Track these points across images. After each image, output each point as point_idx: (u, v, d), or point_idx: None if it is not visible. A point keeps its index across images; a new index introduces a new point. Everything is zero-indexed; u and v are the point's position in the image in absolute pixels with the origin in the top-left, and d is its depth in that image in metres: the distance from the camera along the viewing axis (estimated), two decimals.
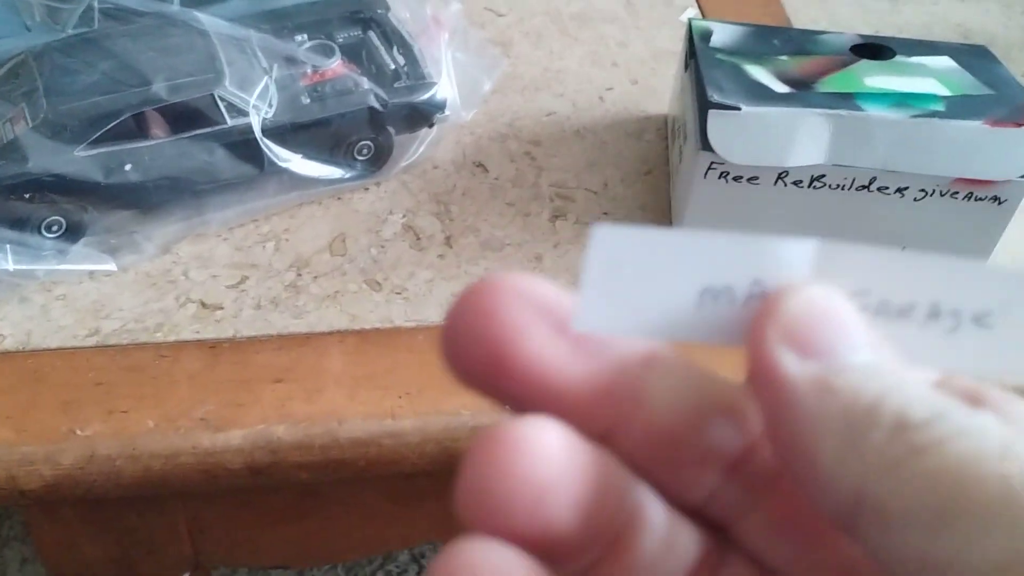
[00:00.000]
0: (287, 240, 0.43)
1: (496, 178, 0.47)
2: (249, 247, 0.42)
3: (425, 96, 0.44)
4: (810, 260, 0.15)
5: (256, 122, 0.41)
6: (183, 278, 0.40)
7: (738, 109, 0.38)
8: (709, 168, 0.40)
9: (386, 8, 0.47)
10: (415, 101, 0.44)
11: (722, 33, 0.44)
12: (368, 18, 0.47)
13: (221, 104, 0.40)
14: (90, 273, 0.40)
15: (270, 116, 0.41)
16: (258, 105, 0.41)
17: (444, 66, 0.46)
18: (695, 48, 0.43)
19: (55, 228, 0.40)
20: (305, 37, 0.45)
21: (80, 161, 0.39)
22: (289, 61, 0.43)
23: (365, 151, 0.44)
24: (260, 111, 0.41)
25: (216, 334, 0.38)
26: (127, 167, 0.40)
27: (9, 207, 0.38)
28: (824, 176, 0.40)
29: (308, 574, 1.01)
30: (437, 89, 0.45)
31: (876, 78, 0.41)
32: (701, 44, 0.43)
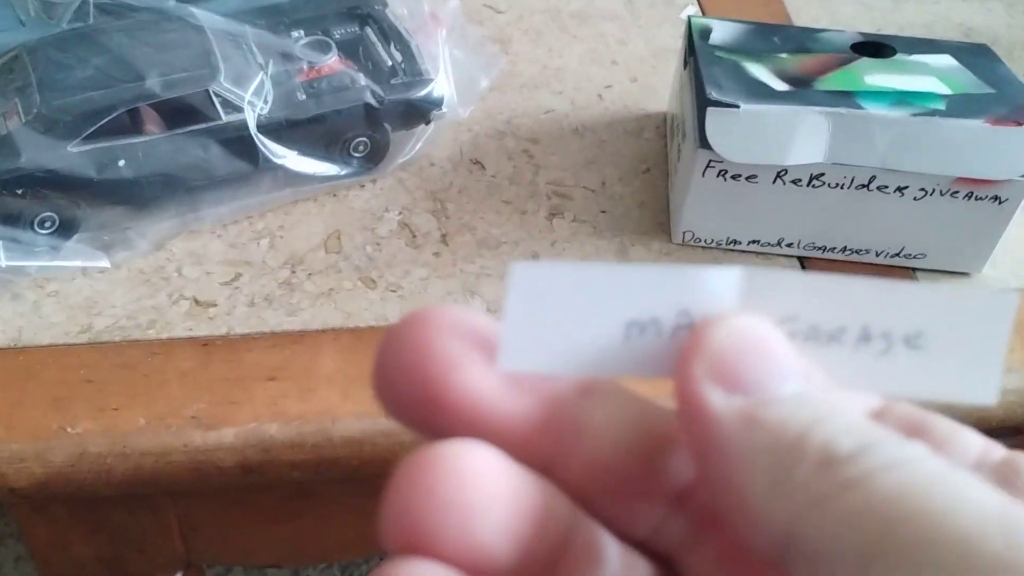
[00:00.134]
0: (281, 237, 0.42)
1: (493, 176, 0.47)
2: (243, 244, 0.42)
3: (422, 93, 0.44)
4: (736, 288, 0.15)
5: (251, 118, 0.41)
6: (176, 275, 0.40)
7: (737, 107, 0.38)
8: (708, 166, 0.40)
9: (384, 4, 0.47)
10: (412, 98, 0.44)
11: (722, 31, 0.44)
12: (365, 14, 0.46)
13: (216, 100, 0.40)
14: (83, 269, 0.40)
15: (265, 112, 0.41)
16: (253, 101, 0.41)
17: (441, 63, 0.46)
18: (694, 46, 0.43)
19: (48, 224, 0.39)
20: (302, 33, 0.45)
21: (73, 157, 0.39)
22: (285, 57, 0.43)
23: (361, 148, 0.44)
24: (255, 107, 0.41)
25: (209, 331, 0.38)
26: (121, 163, 0.39)
27: (2, 203, 0.38)
28: (823, 175, 0.40)
29: (303, 573, 1.01)
30: (434, 86, 0.44)
31: (876, 76, 0.41)
32: (700, 42, 0.43)
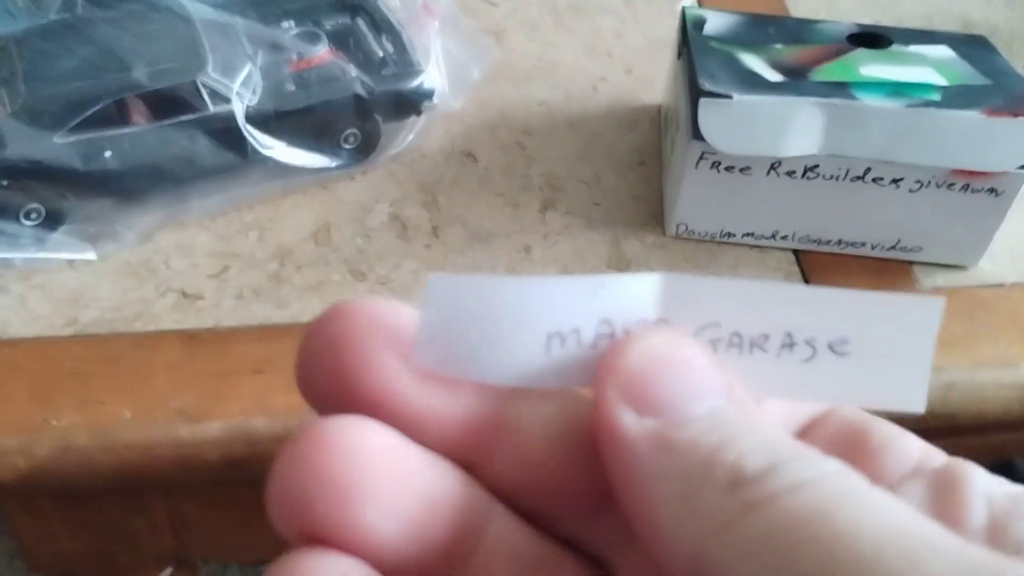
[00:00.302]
0: (270, 229, 0.42)
1: (486, 168, 0.46)
2: (231, 236, 0.41)
3: (412, 84, 0.44)
4: (656, 295, 0.15)
5: (239, 109, 0.40)
6: (164, 267, 0.40)
7: (730, 98, 0.38)
8: (700, 158, 0.39)
9: None
10: (402, 89, 0.44)
11: (716, 21, 0.43)
12: (357, 5, 0.46)
13: (204, 91, 0.40)
14: (69, 262, 0.39)
15: (254, 103, 0.41)
16: (241, 92, 0.40)
17: (433, 54, 0.45)
18: (688, 36, 0.42)
19: (34, 216, 0.39)
20: (292, 24, 0.44)
21: (60, 148, 0.38)
22: (274, 48, 0.42)
23: (351, 139, 0.43)
24: (244, 98, 0.40)
25: (196, 324, 0.38)
26: (107, 154, 0.39)
27: None
28: (818, 166, 0.39)
29: None
30: (425, 77, 0.44)
31: (872, 67, 0.40)
32: (694, 32, 0.42)
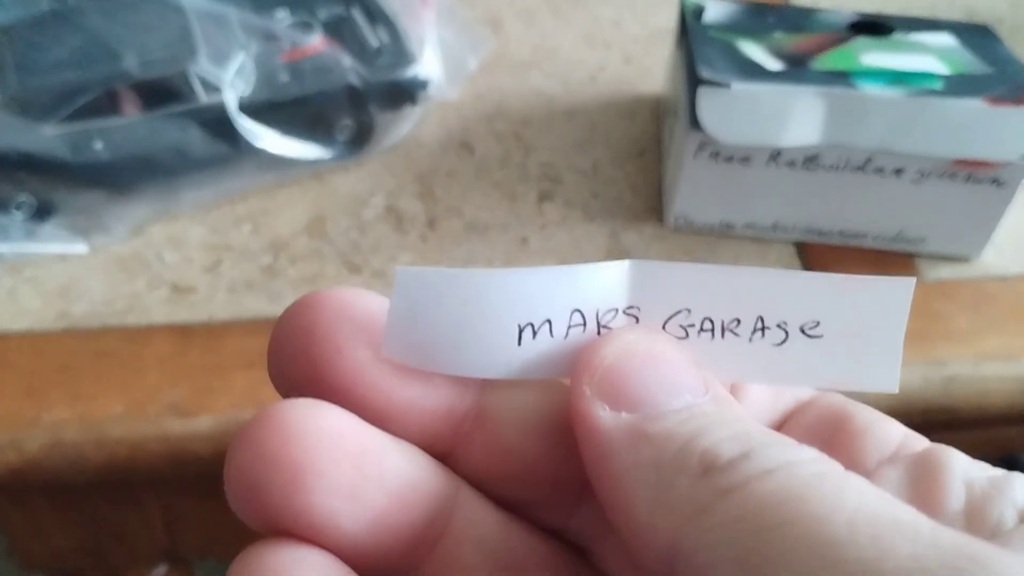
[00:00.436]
0: (264, 222, 0.41)
1: (482, 159, 0.46)
2: (224, 229, 0.41)
3: (407, 74, 0.43)
4: (626, 283, 0.15)
5: (232, 100, 0.40)
6: (155, 260, 0.39)
7: (728, 86, 0.37)
8: (699, 147, 0.39)
9: None
10: (397, 79, 0.43)
11: (715, 10, 0.43)
12: None
13: (196, 81, 0.39)
14: (60, 255, 0.39)
15: (247, 94, 0.40)
16: (234, 82, 0.40)
17: (429, 44, 0.45)
18: (687, 25, 0.41)
19: (24, 208, 0.38)
20: (286, 13, 0.44)
21: (50, 139, 0.38)
22: (268, 37, 0.42)
23: (346, 130, 0.43)
24: (236, 88, 0.40)
25: (188, 318, 0.37)
26: (98, 145, 0.38)
27: None
28: (818, 156, 0.39)
29: None
30: (420, 67, 0.43)
31: (873, 55, 0.40)
32: (693, 21, 0.42)
